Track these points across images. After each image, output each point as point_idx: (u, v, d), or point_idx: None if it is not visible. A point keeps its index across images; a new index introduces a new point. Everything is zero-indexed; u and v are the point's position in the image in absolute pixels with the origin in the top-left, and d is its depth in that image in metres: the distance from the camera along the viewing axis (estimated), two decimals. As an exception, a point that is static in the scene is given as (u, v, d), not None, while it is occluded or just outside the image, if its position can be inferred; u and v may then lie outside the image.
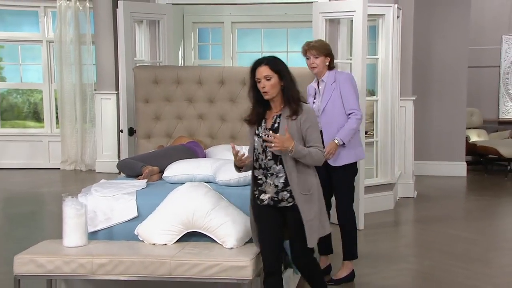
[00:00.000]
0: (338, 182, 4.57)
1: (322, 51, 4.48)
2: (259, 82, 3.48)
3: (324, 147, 4.37)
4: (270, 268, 3.53)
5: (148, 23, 6.90)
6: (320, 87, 4.57)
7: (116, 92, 8.97)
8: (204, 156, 5.09)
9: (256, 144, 3.52)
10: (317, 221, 3.49)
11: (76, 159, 9.58)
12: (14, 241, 5.81)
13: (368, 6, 5.99)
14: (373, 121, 7.09)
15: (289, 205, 3.50)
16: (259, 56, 3.77)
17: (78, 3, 9.37)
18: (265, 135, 3.42)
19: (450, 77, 8.78)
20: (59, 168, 9.59)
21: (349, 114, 4.49)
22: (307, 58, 4.53)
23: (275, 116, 3.53)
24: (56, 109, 9.73)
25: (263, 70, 3.47)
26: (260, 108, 3.54)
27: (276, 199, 3.50)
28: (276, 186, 3.49)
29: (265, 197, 3.51)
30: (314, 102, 4.59)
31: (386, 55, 6.86)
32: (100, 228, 4.09)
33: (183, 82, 5.63)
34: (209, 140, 5.58)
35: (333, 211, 4.72)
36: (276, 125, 3.50)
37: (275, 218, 3.55)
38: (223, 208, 3.97)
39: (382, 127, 6.93)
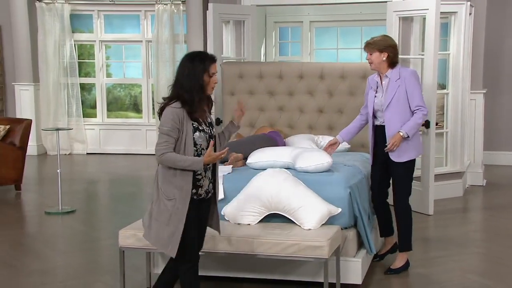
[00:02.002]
0: (398, 177, 4.37)
1: (375, 47, 4.24)
2: (213, 76, 3.19)
3: (386, 141, 4.28)
4: (197, 258, 3.30)
5: (234, 23, 6.94)
6: (383, 82, 4.33)
7: (205, 86, 9.10)
8: (284, 144, 5.07)
9: (201, 140, 3.18)
10: None
11: (170, 146, 9.80)
12: (119, 217, 6.02)
13: (441, 4, 5.77)
14: (443, 113, 6.89)
15: (209, 196, 3.33)
16: (336, 52, 3.64)
17: (173, 7, 9.56)
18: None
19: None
20: (155, 154, 9.84)
21: (415, 110, 4.28)
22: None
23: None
24: (153, 101, 9.99)
25: (216, 67, 3.25)
26: (203, 102, 3.20)
27: (208, 191, 3.30)
28: (209, 179, 3.29)
29: (202, 190, 3.24)
30: (375, 96, 4.35)
31: (458, 51, 6.61)
32: (191, 208, 4.16)
33: (265, 77, 5.63)
34: (288, 130, 5.56)
35: (390, 196, 4.54)
36: (209, 120, 3.28)
37: (203, 211, 3.34)
38: (302, 193, 3.94)
39: (452, 118, 6.71)
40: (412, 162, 4.39)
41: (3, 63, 9.82)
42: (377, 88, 4.37)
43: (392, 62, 4.29)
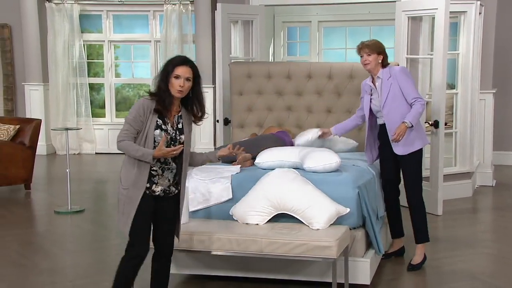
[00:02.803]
0: (408, 170, 4.45)
1: (374, 49, 4.37)
2: (177, 78, 3.23)
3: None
4: (144, 253, 3.33)
5: (243, 23, 6.93)
6: (376, 84, 4.44)
7: (213, 85, 9.11)
8: (292, 144, 5.06)
9: (160, 138, 3.24)
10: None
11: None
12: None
13: (451, 3, 5.74)
14: (453, 113, 6.85)
15: (171, 195, 3.38)
16: (344, 52, 3.67)
17: (181, 7, 9.58)
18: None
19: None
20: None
21: (413, 102, 4.35)
22: (361, 56, 4.43)
23: (176, 116, 3.34)
24: (161, 101, 10.01)
25: (187, 71, 3.25)
26: (172, 104, 3.29)
27: (167, 191, 3.35)
28: (169, 180, 3.34)
29: (157, 188, 3.31)
30: (372, 99, 4.47)
31: (467, 50, 6.57)
32: (200, 208, 4.17)
33: (274, 77, 5.62)
34: (296, 130, 5.55)
35: (402, 196, 4.58)
36: (180, 125, 3.34)
37: (165, 209, 3.39)
38: (310, 192, 3.94)
39: (462, 118, 6.67)
40: (417, 154, 4.43)
41: (13, 64, 9.87)
42: (371, 91, 4.48)
43: (384, 65, 4.44)
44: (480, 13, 6.76)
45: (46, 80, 9.76)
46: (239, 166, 4.43)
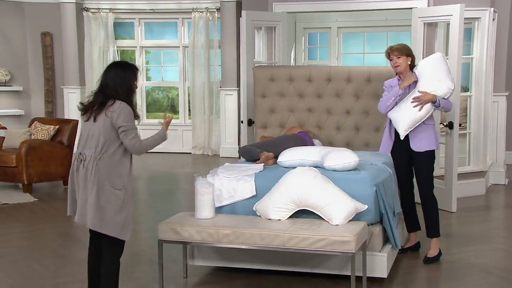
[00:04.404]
0: (419, 166, 4.39)
1: (403, 52, 4.34)
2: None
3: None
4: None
5: (266, 29, 6.92)
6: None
7: (238, 88, 9.12)
8: (312, 144, 5.04)
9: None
10: None
11: (204, 145, 9.85)
12: (156, 212, 6.08)
13: (465, 10, 5.65)
14: (467, 115, 6.75)
15: None
16: (362, 57, 3.64)
17: (208, 14, 9.60)
18: None
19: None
20: (190, 153, 9.91)
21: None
22: (391, 60, 4.39)
23: None
24: (189, 103, 10.05)
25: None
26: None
27: None
28: None
29: None
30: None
31: (481, 55, 6.47)
32: (225, 204, 4.16)
33: (295, 80, 5.60)
34: (316, 130, 5.52)
35: (416, 191, 4.53)
36: None
37: None
38: (330, 190, 3.91)
39: (475, 120, 6.57)
40: (431, 153, 4.37)
41: (53, 69, 10.01)
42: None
43: (412, 67, 4.41)
44: (493, 19, 6.65)
45: (83, 83, 9.88)
46: (263, 164, 4.42)
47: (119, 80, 3.35)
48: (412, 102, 4.26)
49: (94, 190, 3.23)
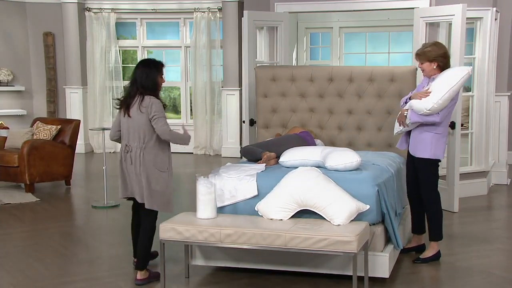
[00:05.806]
0: (420, 174, 4.38)
1: (424, 58, 4.30)
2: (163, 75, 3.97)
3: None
4: None
5: (268, 29, 6.92)
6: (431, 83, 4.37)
7: (240, 88, 9.12)
8: (314, 144, 5.04)
9: None
10: None
11: (206, 145, 9.86)
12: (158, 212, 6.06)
13: (467, 9, 5.64)
14: (469, 115, 6.75)
15: None
16: (364, 57, 3.65)
17: (210, 14, 9.60)
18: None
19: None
20: (192, 153, 9.91)
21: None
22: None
23: None
24: (191, 103, 10.06)
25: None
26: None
27: None
28: None
29: None
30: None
31: (483, 55, 6.46)
32: (227, 204, 4.16)
33: (297, 80, 5.60)
34: (318, 130, 5.52)
35: None
36: None
37: None
38: (331, 190, 3.91)
39: (477, 120, 6.56)
40: (433, 163, 4.34)
41: (55, 68, 10.02)
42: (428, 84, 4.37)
43: (443, 69, 4.33)
44: (495, 19, 6.64)
45: (85, 83, 9.89)
46: (264, 164, 4.42)
47: (145, 76, 3.90)
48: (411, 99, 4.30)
49: (144, 176, 3.85)
